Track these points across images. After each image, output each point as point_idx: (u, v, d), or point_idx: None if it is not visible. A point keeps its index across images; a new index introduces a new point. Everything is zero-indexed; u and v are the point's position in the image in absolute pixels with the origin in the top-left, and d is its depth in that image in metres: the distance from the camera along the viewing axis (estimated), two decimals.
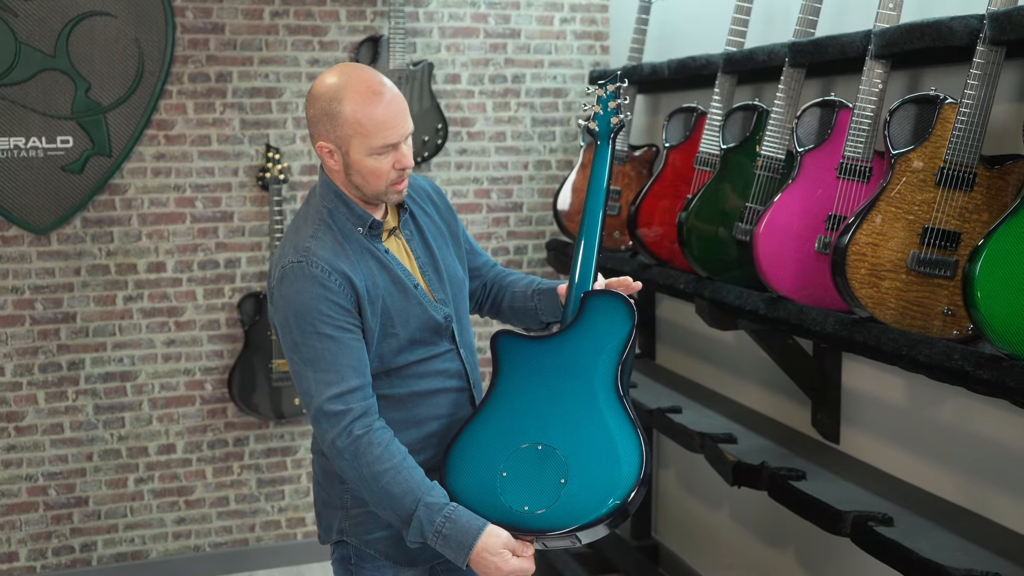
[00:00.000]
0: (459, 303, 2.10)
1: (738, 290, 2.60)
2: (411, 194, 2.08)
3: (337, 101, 1.85)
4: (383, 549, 2.06)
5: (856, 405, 2.76)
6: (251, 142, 3.81)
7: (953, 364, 1.86)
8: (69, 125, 3.59)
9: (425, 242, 2.07)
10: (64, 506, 3.78)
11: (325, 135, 1.88)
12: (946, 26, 2.01)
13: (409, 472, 1.87)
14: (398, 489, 1.86)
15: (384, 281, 1.95)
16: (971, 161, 1.99)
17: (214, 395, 3.89)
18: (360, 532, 2.06)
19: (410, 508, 1.85)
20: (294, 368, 1.92)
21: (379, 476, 1.86)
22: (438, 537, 1.84)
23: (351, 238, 1.95)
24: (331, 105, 1.86)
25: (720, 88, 2.90)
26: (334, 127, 1.87)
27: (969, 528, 2.24)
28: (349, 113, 1.85)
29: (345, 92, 1.86)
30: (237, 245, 3.85)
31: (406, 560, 2.08)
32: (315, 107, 1.89)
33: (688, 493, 3.76)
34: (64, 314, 3.70)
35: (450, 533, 1.83)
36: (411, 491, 1.86)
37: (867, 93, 2.27)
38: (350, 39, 3.86)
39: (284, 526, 4.04)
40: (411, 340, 1.99)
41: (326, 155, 1.91)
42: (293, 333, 1.88)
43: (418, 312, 1.99)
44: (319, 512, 2.14)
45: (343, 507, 2.06)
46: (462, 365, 2.08)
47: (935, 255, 2.04)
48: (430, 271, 2.05)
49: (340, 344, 1.88)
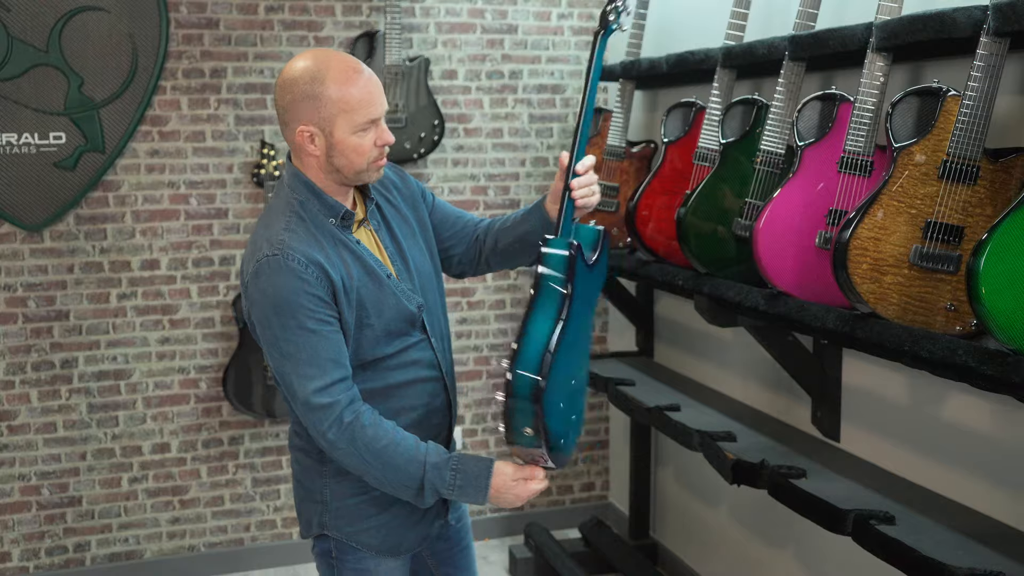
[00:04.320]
0: (427, 293, 2.10)
1: (738, 286, 2.57)
2: (375, 185, 2.08)
3: (319, 82, 1.86)
4: (365, 541, 2.07)
5: (856, 402, 2.73)
6: (246, 138, 3.78)
7: (957, 360, 1.84)
8: (62, 121, 3.56)
9: (392, 233, 2.08)
10: (57, 506, 3.74)
11: (307, 118, 1.88)
12: (949, 17, 1.99)
13: (404, 441, 1.91)
14: (401, 460, 1.89)
15: (358, 272, 1.95)
16: (974, 154, 1.97)
17: (209, 394, 3.86)
18: (341, 524, 2.06)
19: (418, 474, 1.90)
20: (275, 363, 1.90)
21: (380, 454, 1.88)
22: (453, 490, 1.91)
23: (323, 229, 1.94)
24: (312, 87, 1.86)
25: (719, 82, 2.87)
26: (317, 108, 1.87)
27: (971, 526, 2.21)
28: (333, 92, 1.86)
29: (326, 73, 1.86)
30: (232, 242, 3.81)
31: (388, 550, 2.08)
32: (293, 92, 1.88)
33: (687, 491, 3.73)
34: (57, 312, 3.66)
35: (463, 483, 1.91)
36: (413, 458, 1.90)
37: (868, 86, 2.24)
38: (345, 34, 3.83)
39: (279, 525, 4.01)
40: (386, 331, 1.99)
41: (306, 140, 1.90)
42: (273, 328, 1.87)
43: (392, 303, 1.99)
44: (299, 508, 2.14)
45: (322, 501, 2.07)
46: (434, 355, 2.08)
47: (938, 250, 2.02)
48: (399, 262, 2.06)
49: (321, 337, 1.87)
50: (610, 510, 4.37)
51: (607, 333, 4.34)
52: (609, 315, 4.31)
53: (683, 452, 3.68)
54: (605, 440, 4.39)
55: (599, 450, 4.39)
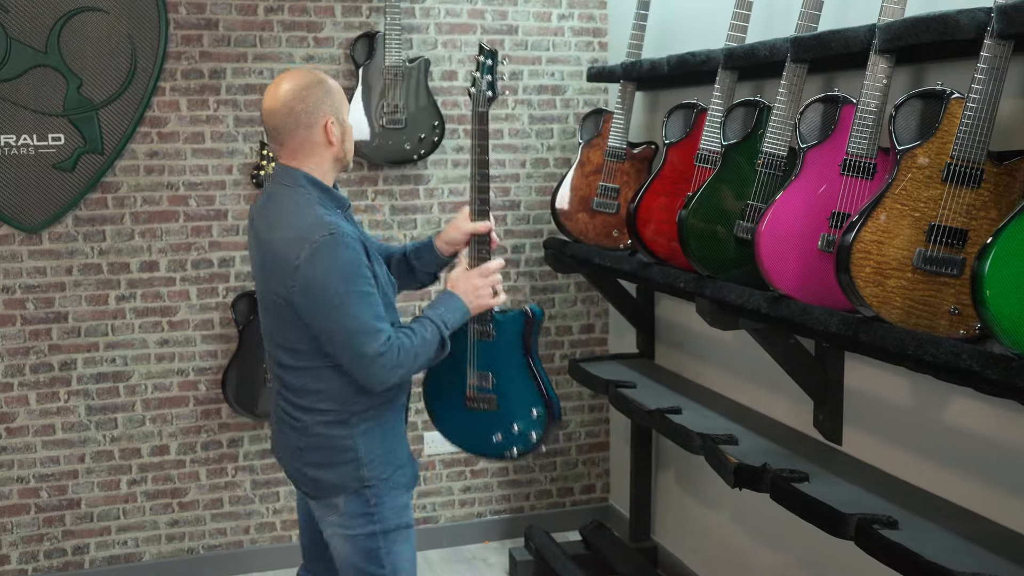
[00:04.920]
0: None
1: (739, 289, 2.56)
2: None
3: (320, 81, 2.25)
4: (398, 480, 2.37)
5: (859, 405, 2.72)
6: (245, 139, 3.77)
7: (961, 364, 1.82)
8: (61, 122, 3.54)
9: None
10: (56, 508, 3.73)
11: (328, 111, 2.24)
12: (953, 19, 1.97)
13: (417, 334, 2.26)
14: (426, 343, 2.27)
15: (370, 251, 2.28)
16: (978, 157, 1.95)
17: (208, 396, 3.84)
18: (379, 472, 2.32)
19: (436, 338, 2.29)
20: (339, 326, 2.15)
21: (418, 356, 2.25)
22: (447, 322, 2.33)
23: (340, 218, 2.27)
24: (321, 86, 2.24)
25: (720, 84, 2.86)
26: (331, 100, 2.25)
27: (975, 531, 2.20)
28: (333, 84, 2.27)
29: (314, 74, 2.26)
30: (231, 244, 3.80)
31: (411, 484, 2.42)
32: (309, 96, 2.22)
33: (687, 494, 3.72)
34: (56, 314, 3.65)
35: (446, 311, 2.35)
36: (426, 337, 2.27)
37: (871, 88, 2.22)
38: (345, 35, 3.82)
39: (279, 528, 4.00)
40: (387, 305, 2.29)
41: (330, 129, 2.24)
42: (340, 296, 2.14)
43: (384, 279, 2.32)
44: (325, 478, 2.31)
45: (356, 459, 2.30)
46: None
47: (942, 253, 2.00)
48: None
49: (375, 298, 2.21)
50: (610, 512, 4.36)
51: (607, 335, 4.32)
52: (609, 317, 4.30)
53: (684, 454, 3.67)
54: (605, 442, 4.38)
55: (599, 452, 4.38)
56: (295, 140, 2.22)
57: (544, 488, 4.34)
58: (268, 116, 2.23)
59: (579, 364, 3.71)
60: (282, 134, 2.23)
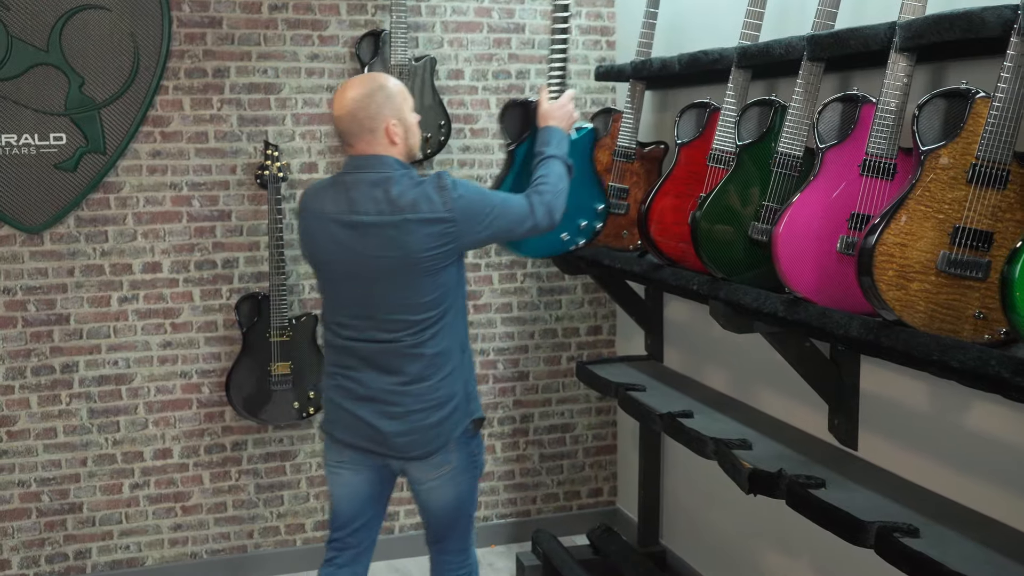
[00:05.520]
0: None
1: (755, 291, 2.51)
2: None
3: (383, 86, 2.51)
4: (479, 405, 2.74)
5: (875, 410, 2.67)
6: (249, 139, 3.72)
7: (990, 370, 1.77)
8: (62, 122, 3.50)
9: None
10: (57, 512, 3.68)
11: (390, 113, 2.49)
12: (978, 17, 1.92)
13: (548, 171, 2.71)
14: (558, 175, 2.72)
15: None
16: (1004, 158, 1.91)
17: (211, 398, 3.80)
18: (473, 395, 2.70)
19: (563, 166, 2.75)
20: (497, 224, 2.55)
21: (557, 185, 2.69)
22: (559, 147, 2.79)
23: None
24: (383, 90, 2.50)
25: (734, 83, 2.81)
26: (393, 103, 2.51)
27: (997, 538, 2.16)
28: (394, 87, 2.54)
29: (379, 78, 2.53)
30: (235, 245, 3.75)
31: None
32: (371, 103, 2.48)
33: (696, 498, 3.67)
34: (57, 315, 3.60)
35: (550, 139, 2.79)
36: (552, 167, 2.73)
37: (891, 87, 2.18)
38: (351, 33, 3.77)
39: (283, 532, 3.95)
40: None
41: (392, 130, 2.50)
42: (485, 200, 2.54)
43: None
44: (432, 432, 2.59)
45: (467, 392, 2.66)
46: None
47: (966, 256, 1.96)
48: None
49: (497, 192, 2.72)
50: (618, 516, 4.32)
51: (615, 336, 4.28)
52: (617, 318, 4.25)
53: (692, 458, 3.62)
54: (613, 445, 4.34)
55: (606, 455, 4.34)
56: (362, 142, 2.50)
57: (551, 492, 4.29)
58: (337, 122, 2.53)
59: (587, 367, 3.66)
60: (350, 137, 2.52)
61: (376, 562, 3.89)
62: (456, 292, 2.60)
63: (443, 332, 2.57)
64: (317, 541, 3.99)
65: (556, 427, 4.25)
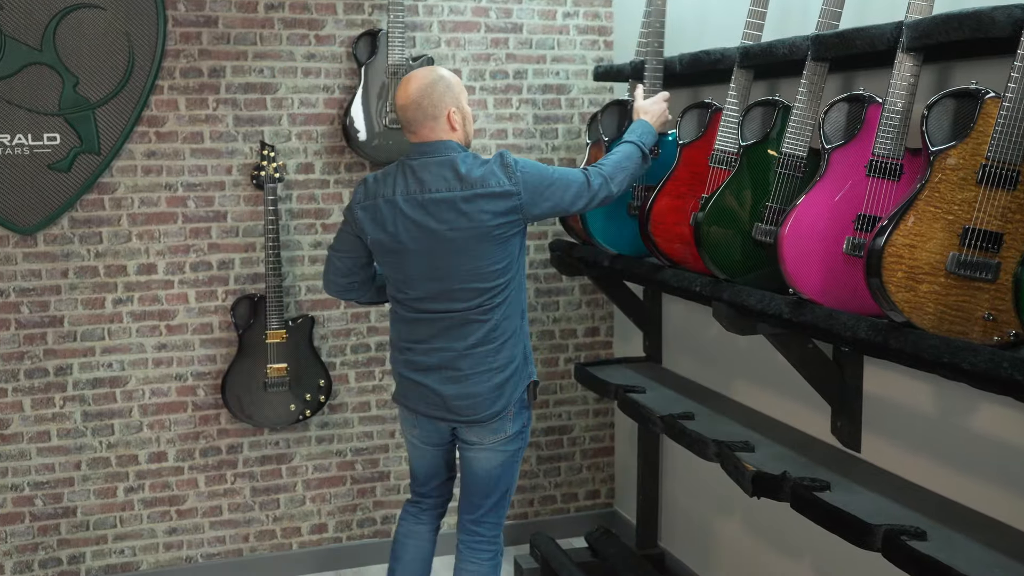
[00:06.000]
0: None
1: (760, 293, 2.49)
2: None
3: (442, 77, 2.73)
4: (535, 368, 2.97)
5: (878, 412, 2.66)
6: (245, 139, 3.69)
7: (1002, 373, 1.76)
8: (56, 122, 3.46)
9: None
10: (51, 516, 3.65)
11: (450, 101, 2.72)
12: (988, 16, 1.91)
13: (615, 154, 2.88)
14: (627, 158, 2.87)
15: None
16: (1014, 158, 1.89)
17: (207, 401, 3.76)
18: (532, 363, 2.92)
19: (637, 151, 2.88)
20: (560, 194, 2.75)
21: (623, 165, 2.85)
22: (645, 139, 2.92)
23: None
24: (442, 80, 2.72)
25: (736, 83, 2.79)
26: (452, 92, 2.73)
27: (1004, 541, 2.14)
28: (452, 79, 2.75)
29: (439, 70, 2.76)
30: (231, 246, 3.72)
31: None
32: (434, 91, 2.70)
33: (695, 500, 3.66)
34: (51, 318, 3.57)
35: (640, 130, 2.93)
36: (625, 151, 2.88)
37: (898, 87, 2.16)
38: (347, 33, 3.74)
39: (279, 536, 3.92)
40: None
41: (453, 117, 2.72)
42: (544, 174, 2.74)
43: None
44: (494, 394, 2.79)
45: (525, 355, 2.88)
46: None
47: (976, 257, 1.94)
48: None
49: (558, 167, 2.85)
50: (616, 518, 4.30)
51: (612, 338, 4.26)
52: (615, 320, 4.24)
53: (691, 459, 3.61)
54: (610, 447, 4.32)
55: (604, 457, 4.32)
56: (425, 127, 2.71)
57: (548, 494, 4.27)
58: (401, 111, 2.73)
59: (586, 368, 3.64)
60: (414, 124, 2.73)
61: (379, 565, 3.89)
62: (520, 260, 2.82)
63: (510, 299, 2.79)
64: (313, 544, 3.96)
65: (553, 429, 4.23)
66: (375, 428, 3.97)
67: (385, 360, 3.94)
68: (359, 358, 3.92)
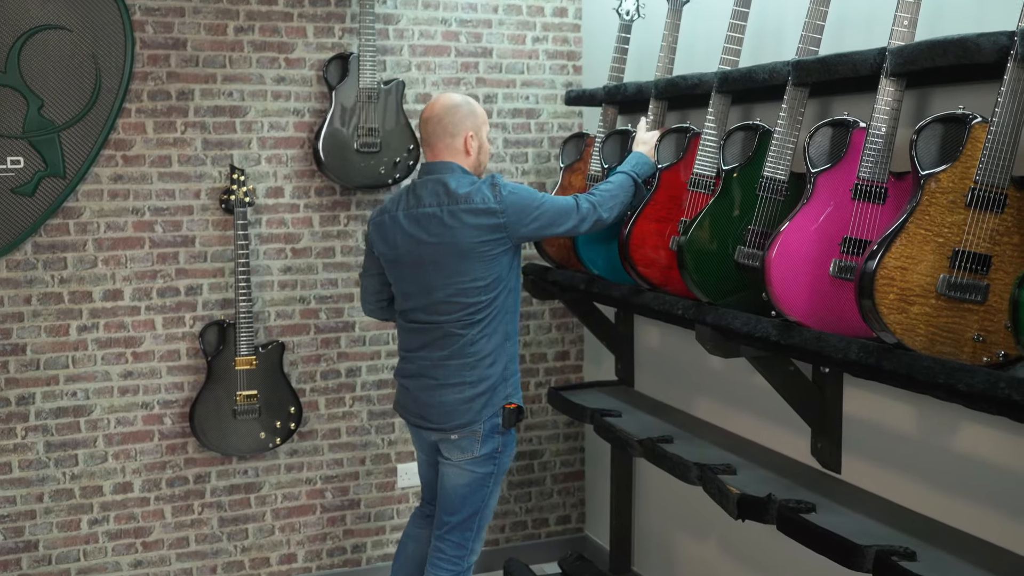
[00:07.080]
0: None
1: (745, 316, 2.50)
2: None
3: (470, 103, 2.92)
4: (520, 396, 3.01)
5: (858, 433, 2.68)
6: (214, 163, 3.64)
7: (999, 393, 1.78)
8: (20, 145, 3.38)
9: None
10: (12, 551, 3.53)
11: (469, 127, 2.89)
12: (973, 43, 1.95)
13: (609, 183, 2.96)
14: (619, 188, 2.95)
15: None
16: (1002, 182, 1.93)
17: (173, 430, 3.68)
18: (515, 389, 2.97)
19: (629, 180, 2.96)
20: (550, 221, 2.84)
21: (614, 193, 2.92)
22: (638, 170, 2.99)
23: None
24: (468, 105, 2.91)
25: (714, 108, 2.82)
26: (475, 119, 2.91)
27: (991, 560, 2.17)
28: (479, 109, 2.94)
29: (468, 98, 2.94)
30: (199, 271, 3.66)
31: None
32: (458, 112, 2.88)
33: (669, 523, 3.65)
34: (13, 346, 3.47)
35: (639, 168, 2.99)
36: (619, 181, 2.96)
37: (882, 112, 2.20)
38: (318, 56, 3.72)
39: (247, 567, 3.84)
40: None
41: (469, 142, 2.88)
42: (536, 202, 2.84)
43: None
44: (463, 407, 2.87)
45: (504, 377, 2.92)
46: None
47: (966, 279, 1.97)
48: None
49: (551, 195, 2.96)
50: (587, 543, 4.28)
51: (583, 362, 4.26)
52: (585, 343, 4.23)
53: (665, 483, 3.61)
54: (580, 471, 4.31)
55: (574, 481, 4.30)
56: (442, 143, 2.87)
57: (519, 519, 4.24)
58: (423, 123, 2.91)
59: (560, 392, 3.63)
60: (432, 139, 2.88)
61: None
62: (509, 282, 2.89)
63: (493, 317, 2.87)
64: (282, 575, 3.88)
65: (524, 454, 4.20)
66: (345, 455, 3.91)
67: (355, 386, 3.89)
68: (329, 384, 3.87)
